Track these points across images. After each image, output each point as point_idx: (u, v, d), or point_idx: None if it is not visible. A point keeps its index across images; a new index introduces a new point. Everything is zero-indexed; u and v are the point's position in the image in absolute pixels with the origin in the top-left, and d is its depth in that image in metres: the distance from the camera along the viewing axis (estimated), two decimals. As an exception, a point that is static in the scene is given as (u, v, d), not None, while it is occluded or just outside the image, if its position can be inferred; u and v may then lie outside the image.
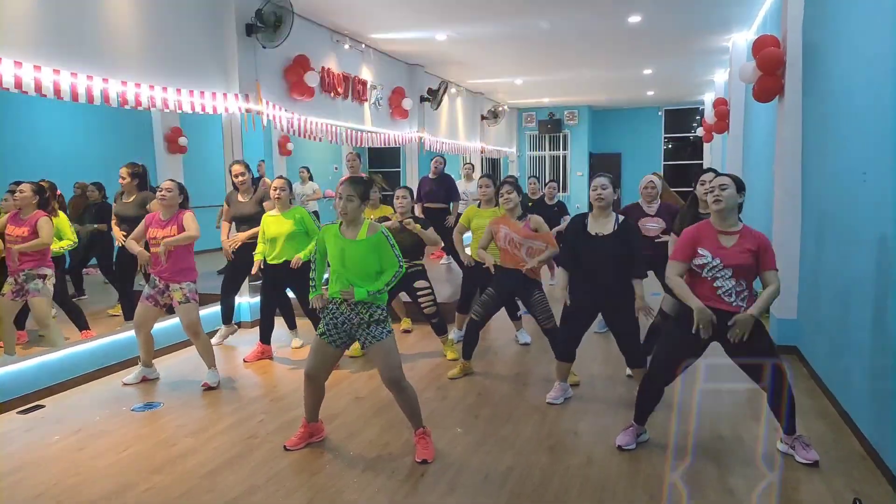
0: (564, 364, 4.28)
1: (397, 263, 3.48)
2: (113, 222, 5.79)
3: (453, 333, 5.80)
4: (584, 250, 3.96)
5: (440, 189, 8.15)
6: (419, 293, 5.23)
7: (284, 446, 3.67)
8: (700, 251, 3.29)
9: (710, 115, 11.40)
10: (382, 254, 3.45)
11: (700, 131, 13.80)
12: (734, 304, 3.25)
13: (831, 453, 3.50)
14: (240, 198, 5.61)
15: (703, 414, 4.14)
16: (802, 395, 4.37)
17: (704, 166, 15.17)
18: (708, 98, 14.07)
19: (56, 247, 5.03)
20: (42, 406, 4.42)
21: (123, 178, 5.64)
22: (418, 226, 5.11)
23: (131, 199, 5.71)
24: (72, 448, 3.73)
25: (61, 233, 5.17)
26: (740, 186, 3.32)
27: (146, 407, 4.38)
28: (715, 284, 3.26)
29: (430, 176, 8.26)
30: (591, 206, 4.08)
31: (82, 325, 5.38)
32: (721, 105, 9.72)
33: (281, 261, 5.09)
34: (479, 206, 5.61)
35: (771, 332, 5.59)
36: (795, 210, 5.34)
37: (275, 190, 5.06)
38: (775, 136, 5.75)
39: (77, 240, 5.41)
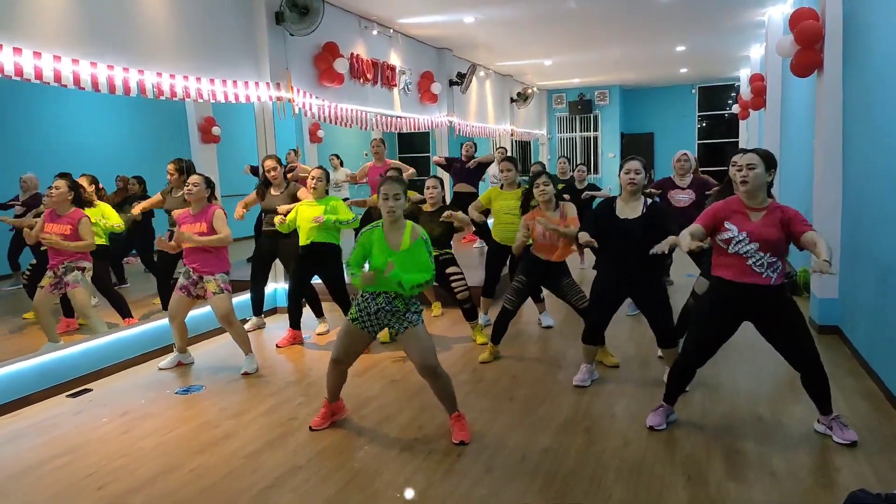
0: (591, 347, 4.28)
1: (430, 271, 3.49)
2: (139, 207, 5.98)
3: (481, 318, 5.82)
4: (613, 234, 3.93)
5: (472, 173, 8.17)
6: (452, 279, 5.25)
7: (310, 426, 3.75)
8: (727, 225, 3.26)
9: (745, 92, 11.14)
10: (419, 257, 3.48)
11: (736, 108, 13.50)
12: (765, 275, 3.21)
13: (875, 434, 3.44)
14: (272, 191, 5.67)
15: (741, 394, 4.10)
16: (845, 375, 4.30)
17: (740, 144, 14.87)
18: (744, 74, 13.74)
19: (109, 227, 5.34)
20: (90, 390, 4.57)
21: (171, 174, 5.73)
22: (459, 213, 5.13)
23: (180, 194, 5.80)
24: (119, 430, 3.86)
25: (107, 219, 5.37)
26: (770, 164, 3.24)
27: (188, 390, 4.50)
28: (744, 256, 3.22)
29: (464, 159, 8.27)
30: (620, 189, 4.04)
31: (125, 312, 5.53)
32: (757, 81, 9.49)
33: (315, 241, 5.16)
34: (501, 188, 5.60)
35: (812, 313, 5.49)
36: (836, 188, 5.21)
37: (312, 179, 5.16)
38: (814, 112, 5.60)
39: (123, 223, 5.58)
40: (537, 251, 4.66)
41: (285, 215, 5.19)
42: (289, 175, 6.02)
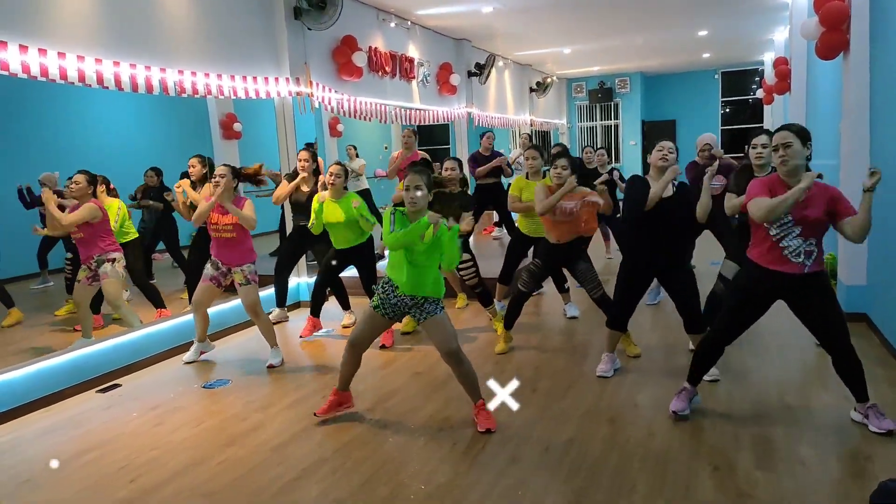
0: (616, 333, 4.26)
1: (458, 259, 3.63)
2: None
3: (496, 305, 5.80)
4: (648, 212, 3.90)
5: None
6: (460, 265, 5.24)
7: (315, 413, 3.80)
8: None
9: (770, 76, 10.95)
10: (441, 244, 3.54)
11: (760, 93, 13.27)
12: (802, 262, 3.15)
13: (906, 422, 3.38)
14: (302, 186, 5.66)
15: (769, 383, 4.05)
16: (874, 363, 4.22)
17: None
18: (768, 58, 13.49)
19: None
20: (119, 385, 4.65)
21: (193, 167, 5.76)
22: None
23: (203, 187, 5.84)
24: (149, 423, 3.93)
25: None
26: (805, 137, 3.14)
27: (216, 384, 4.57)
28: (781, 245, 3.17)
29: (483, 153, 8.22)
30: (645, 169, 4.04)
31: (159, 303, 5.64)
32: (782, 64, 9.32)
33: (345, 247, 5.20)
34: (526, 177, 5.57)
35: (840, 299, 5.38)
36: (863, 172, 5.08)
37: (330, 175, 5.13)
38: (841, 95, 5.49)
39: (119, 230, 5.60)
40: (557, 237, 4.63)
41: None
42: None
